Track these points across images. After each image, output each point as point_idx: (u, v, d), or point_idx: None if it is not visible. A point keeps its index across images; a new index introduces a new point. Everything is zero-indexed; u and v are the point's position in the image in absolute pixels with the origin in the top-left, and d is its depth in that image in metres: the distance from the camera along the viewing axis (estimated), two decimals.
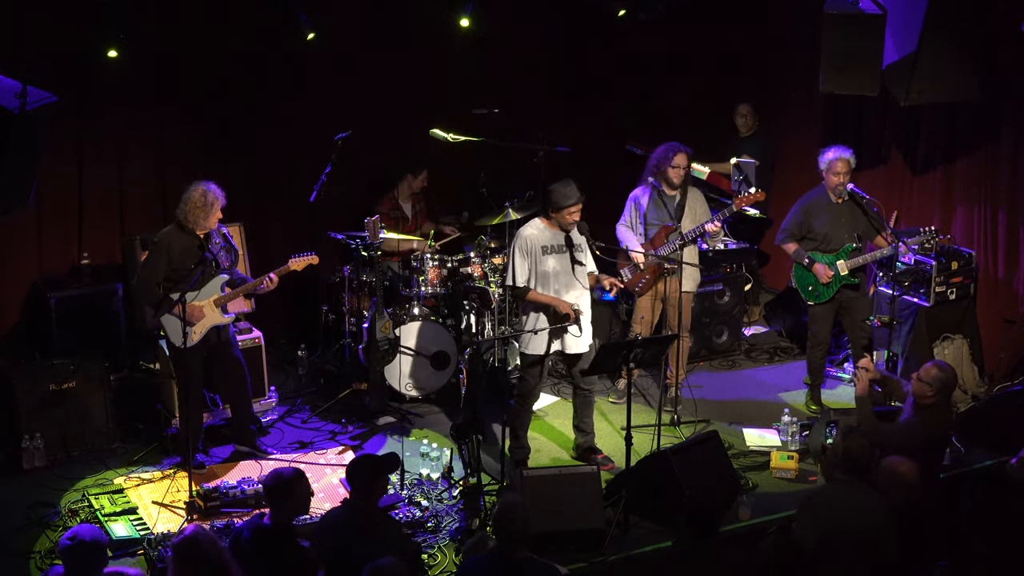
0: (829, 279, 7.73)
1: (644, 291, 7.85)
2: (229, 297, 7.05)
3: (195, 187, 6.89)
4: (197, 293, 6.93)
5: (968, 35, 7.39)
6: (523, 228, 7.01)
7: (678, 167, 7.66)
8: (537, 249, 6.90)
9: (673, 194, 7.75)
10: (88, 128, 8.22)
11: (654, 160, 7.78)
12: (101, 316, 8.06)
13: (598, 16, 9.59)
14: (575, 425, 7.34)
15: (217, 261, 7.01)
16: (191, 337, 6.82)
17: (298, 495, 5.17)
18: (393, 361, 7.90)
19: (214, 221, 6.92)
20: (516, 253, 6.93)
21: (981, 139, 8.35)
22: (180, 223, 6.91)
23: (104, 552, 4.87)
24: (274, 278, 7.07)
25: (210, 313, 6.99)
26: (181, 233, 6.91)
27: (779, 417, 7.60)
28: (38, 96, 5.88)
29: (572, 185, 6.85)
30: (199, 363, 7.08)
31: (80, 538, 4.75)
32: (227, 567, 4.73)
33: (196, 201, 6.84)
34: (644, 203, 7.79)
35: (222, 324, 7.07)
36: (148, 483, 6.98)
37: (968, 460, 7.23)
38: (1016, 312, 8.21)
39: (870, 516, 5.25)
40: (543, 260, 6.90)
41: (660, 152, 7.75)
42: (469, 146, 8.43)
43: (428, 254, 8.24)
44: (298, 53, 8.62)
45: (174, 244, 6.89)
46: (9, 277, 8.10)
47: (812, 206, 7.81)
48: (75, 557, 4.75)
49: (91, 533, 4.81)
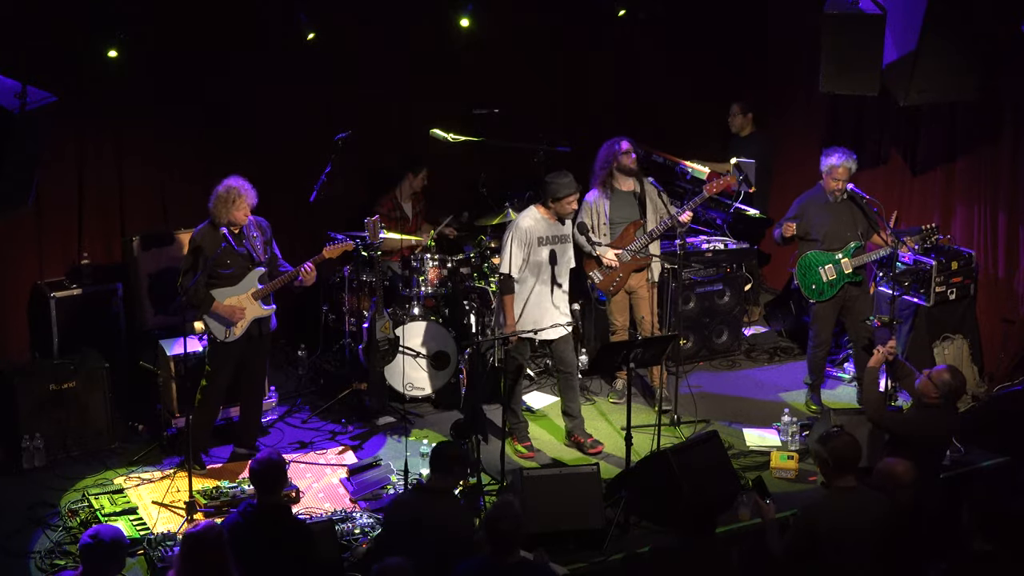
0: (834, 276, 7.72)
1: (617, 290, 7.87)
2: (267, 290, 7.07)
3: (222, 183, 6.94)
4: (235, 288, 6.97)
5: (968, 35, 7.38)
6: (520, 219, 7.08)
7: (628, 152, 7.68)
8: (533, 240, 7.01)
9: (630, 189, 7.75)
10: (88, 128, 8.22)
11: (602, 159, 7.78)
12: (101, 316, 8.06)
13: (598, 16, 9.59)
14: (563, 411, 7.42)
15: (253, 254, 7.03)
16: (233, 331, 6.94)
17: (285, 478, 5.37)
18: (393, 361, 7.90)
19: (243, 215, 6.91)
20: (513, 242, 7.01)
21: (981, 139, 8.35)
22: (212, 220, 6.93)
23: (122, 553, 4.88)
24: (310, 267, 7.10)
25: (249, 307, 7.02)
26: (213, 230, 6.93)
27: (779, 417, 7.61)
28: (38, 96, 5.88)
29: (569, 176, 7.00)
30: (236, 357, 7.10)
31: (100, 537, 4.76)
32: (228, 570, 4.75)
33: (220, 196, 6.88)
34: (604, 204, 7.77)
35: (263, 316, 7.10)
36: (148, 483, 6.98)
37: (968, 460, 7.23)
38: (1016, 312, 8.21)
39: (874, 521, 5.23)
40: (537, 251, 7.02)
41: (604, 149, 7.77)
42: (469, 146, 8.44)
43: (428, 254, 8.25)
44: (298, 53, 8.62)
45: (207, 241, 6.90)
46: (9, 277, 8.09)
47: (811, 204, 7.81)
48: (93, 556, 4.76)
49: (112, 534, 4.82)
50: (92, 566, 4.78)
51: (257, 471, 5.31)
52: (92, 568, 4.78)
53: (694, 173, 9.13)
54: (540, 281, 7.06)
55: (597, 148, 9.26)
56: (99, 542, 4.74)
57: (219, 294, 6.95)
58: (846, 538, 5.17)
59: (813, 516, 5.33)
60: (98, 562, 4.77)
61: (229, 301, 6.96)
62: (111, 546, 4.76)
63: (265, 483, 5.28)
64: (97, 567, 4.78)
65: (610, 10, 9.39)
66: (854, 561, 5.17)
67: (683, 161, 9.20)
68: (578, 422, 7.40)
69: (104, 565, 4.79)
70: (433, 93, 9.26)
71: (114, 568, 4.84)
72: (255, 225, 7.08)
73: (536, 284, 7.08)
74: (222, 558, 4.73)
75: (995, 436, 7.34)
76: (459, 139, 8.28)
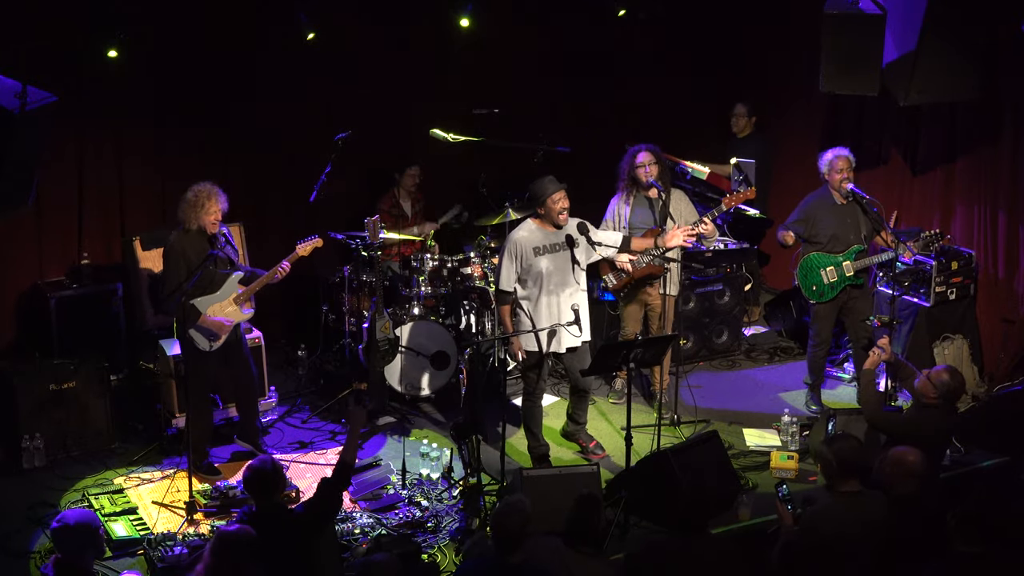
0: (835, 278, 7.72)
1: (629, 299, 7.83)
2: (247, 293, 7.05)
3: (190, 188, 6.90)
4: (217, 295, 6.93)
5: (968, 35, 7.38)
6: (514, 231, 7.01)
7: (643, 165, 7.58)
8: (528, 251, 6.88)
9: (655, 196, 7.70)
10: (88, 128, 8.22)
11: (623, 166, 7.74)
12: (101, 316, 8.06)
13: (598, 16, 9.59)
14: (568, 413, 7.40)
15: (229, 258, 7.02)
16: (216, 342, 6.91)
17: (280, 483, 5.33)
18: (393, 361, 7.90)
19: (210, 221, 6.86)
20: (504, 257, 6.92)
21: (981, 139, 8.35)
22: (181, 225, 6.91)
23: (94, 536, 4.87)
24: (286, 266, 7.08)
25: (233, 313, 7.01)
26: (187, 235, 6.89)
27: (779, 417, 7.61)
28: (38, 96, 5.87)
29: (548, 176, 6.89)
30: (215, 364, 7.08)
31: (65, 521, 4.77)
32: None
33: (188, 200, 6.84)
34: (626, 209, 7.73)
35: (244, 321, 7.09)
36: (148, 483, 6.98)
37: (968, 460, 7.23)
38: (1016, 312, 8.21)
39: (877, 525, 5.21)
40: (535, 261, 6.89)
41: (625, 158, 7.72)
42: (469, 146, 8.44)
43: (428, 254, 8.25)
44: (298, 53, 8.62)
45: (188, 248, 6.86)
46: (9, 277, 8.10)
47: (817, 207, 7.78)
48: (63, 541, 4.77)
49: (77, 517, 4.82)
50: (66, 551, 4.79)
51: (247, 479, 5.32)
52: (66, 553, 4.79)
53: (694, 173, 9.12)
54: (545, 291, 6.92)
55: (597, 148, 9.31)
56: (64, 526, 4.76)
57: (201, 303, 6.89)
58: (850, 542, 5.18)
59: (817, 520, 5.33)
60: (70, 546, 4.77)
61: (212, 310, 6.90)
62: (77, 529, 4.76)
63: (257, 490, 5.30)
64: (70, 552, 4.78)
65: (610, 10, 9.39)
66: (856, 564, 5.17)
67: (683, 161, 9.19)
68: (581, 427, 7.39)
69: (77, 550, 4.79)
70: (433, 93, 9.27)
71: (90, 552, 4.84)
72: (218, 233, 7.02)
73: (541, 295, 6.93)
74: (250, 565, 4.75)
75: (995, 436, 7.34)
76: (459, 139, 8.28)
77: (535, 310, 6.92)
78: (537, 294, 6.95)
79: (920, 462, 5.38)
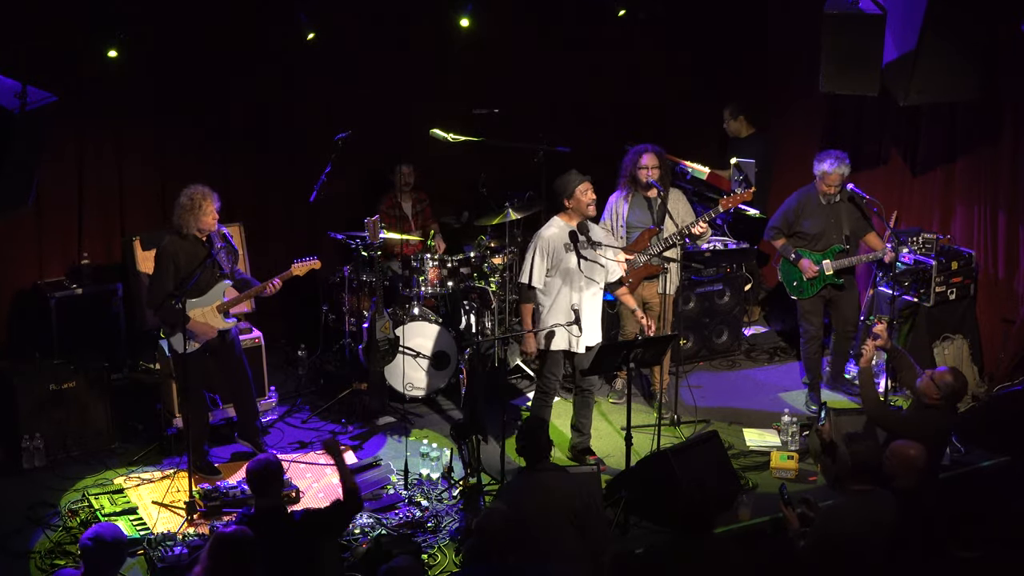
0: (815, 275, 7.77)
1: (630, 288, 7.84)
2: (232, 303, 7.03)
3: (183, 192, 6.88)
4: (201, 299, 6.92)
5: (968, 35, 7.38)
6: (544, 229, 7.00)
7: (646, 167, 7.59)
8: (559, 248, 6.90)
9: (653, 195, 7.70)
10: (88, 128, 8.22)
11: (625, 165, 7.75)
12: (101, 316, 8.06)
13: (598, 16, 9.59)
14: (572, 425, 7.35)
15: (219, 264, 6.99)
16: (193, 343, 6.84)
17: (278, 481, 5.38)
18: (393, 361, 7.90)
19: (209, 221, 6.85)
20: (536, 254, 6.92)
21: (981, 139, 8.35)
22: (177, 230, 6.89)
23: (122, 553, 4.89)
24: (278, 283, 7.03)
25: (213, 320, 6.97)
26: (182, 240, 6.88)
27: (779, 417, 7.61)
28: (38, 96, 5.88)
29: (571, 170, 6.95)
30: (201, 367, 7.06)
31: (101, 537, 4.76)
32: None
33: (182, 204, 6.81)
34: (623, 207, 7.74)
35: (225, 329, 7.06)
36: (148, 483, 6.98)
37: (968, 460, 7.23)
38: (1016, 312, 8.21)
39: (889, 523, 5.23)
40: (566, 258, 6.89)
41: (628, 156, 7.73)
42: (469, 146, 8.43)
43: (428, 254, 8.25)
44: (298, 53, 8.62)
45: (179, 252, 6.84)
46: (9, 277, 8.10)
47: (803, 205, 7.86)
48: (95, 555, 4.76)
49: (113, 533, 4.82)
50: (93, 566, 4.79)
51: (248, 473, 5.35)
52: (93, 568, 4.79)
53: (694, 173, 9.13)
54: (574, 288, 6.90)
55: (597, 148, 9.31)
56: (101, 542, 4.75)
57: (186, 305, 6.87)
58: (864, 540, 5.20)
59: (832, 519, 5.36)
60: (99, 562, 4.78)
61: (193, 313, 6.86)
62: (112, 545, 4.77)
63: (257, 486, 5.32)
64: (98, 567, 4.79)
65: (610, 10, 9.38)
66: (870, 562, 5.19)
67: (683, 161, 9.20)
68: (585, 439, 7.35)
69: (105, 565, 4.80)
70: (433, 93, 9.26)
71: (114, 567, 4.86)
72: (217, 235, 7.00)
73: (566, 288, 6.91)
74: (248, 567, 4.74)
75: (995, 436, 7.34)
76: (459, 139, 8.28)
77: (551, 304, 6.93)
78: (560, 286, 6.93)
79: (921, 456, 5.45)
